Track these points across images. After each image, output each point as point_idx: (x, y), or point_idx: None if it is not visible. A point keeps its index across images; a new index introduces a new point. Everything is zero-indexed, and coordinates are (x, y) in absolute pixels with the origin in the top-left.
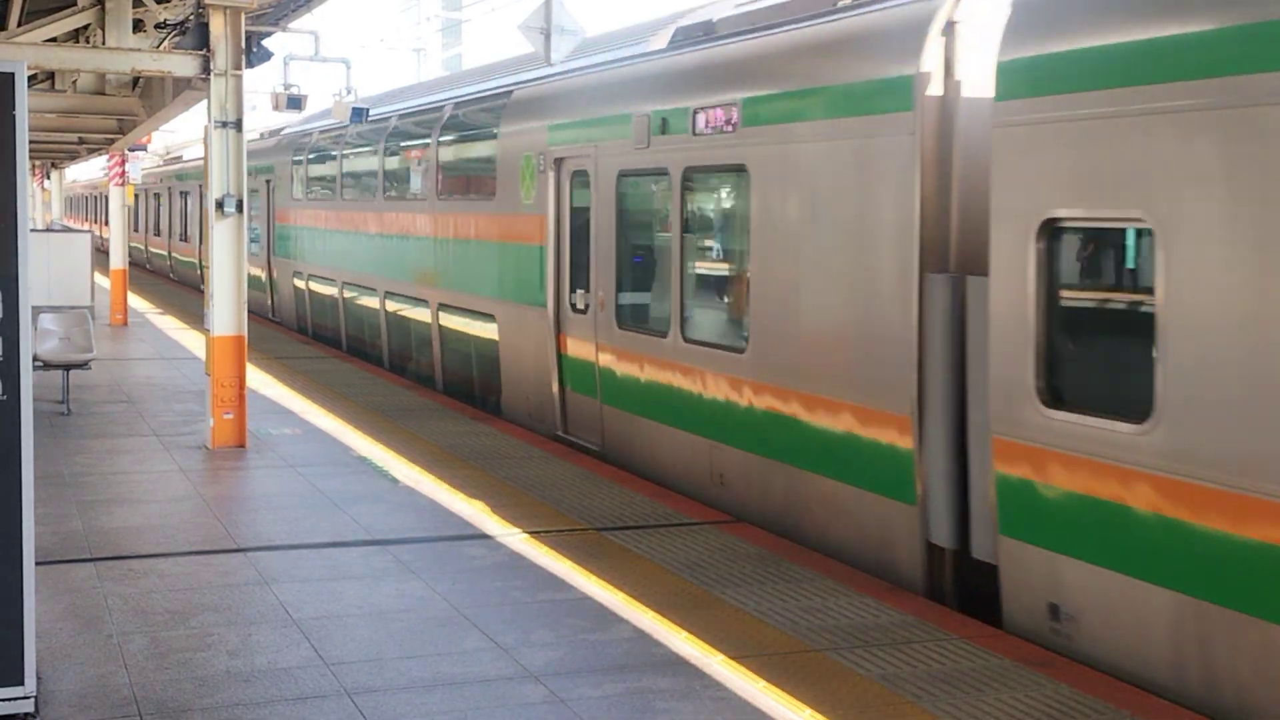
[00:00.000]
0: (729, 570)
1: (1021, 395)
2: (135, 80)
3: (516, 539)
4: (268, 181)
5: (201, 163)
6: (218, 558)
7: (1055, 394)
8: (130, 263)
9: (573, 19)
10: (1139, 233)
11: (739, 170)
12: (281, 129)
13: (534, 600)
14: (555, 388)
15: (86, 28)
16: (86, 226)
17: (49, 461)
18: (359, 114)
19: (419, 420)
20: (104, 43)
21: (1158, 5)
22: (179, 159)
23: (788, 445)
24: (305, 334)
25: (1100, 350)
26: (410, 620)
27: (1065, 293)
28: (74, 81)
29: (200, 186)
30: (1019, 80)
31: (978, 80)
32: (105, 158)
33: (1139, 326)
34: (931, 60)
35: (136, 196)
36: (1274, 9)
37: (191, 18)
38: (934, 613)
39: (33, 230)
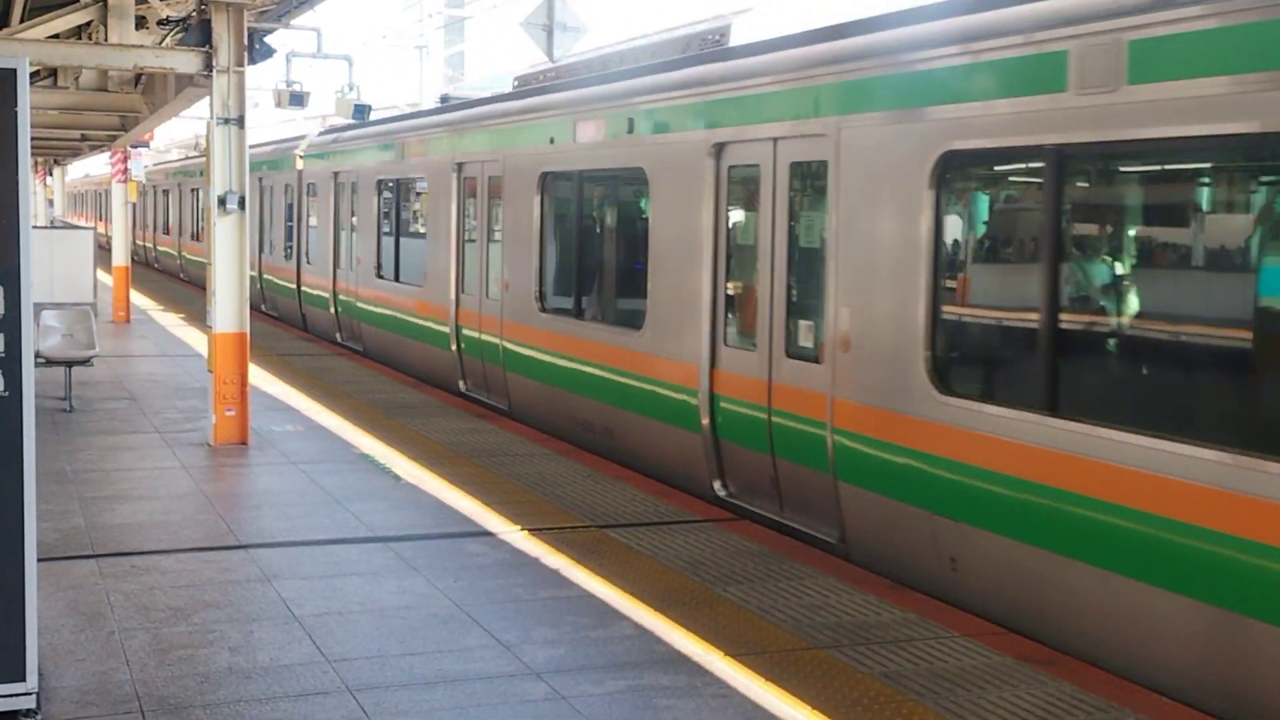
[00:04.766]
0: (731, 567)
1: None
2: (138, 77)
3: (518, 536)
4: None
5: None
6: (220, 554)
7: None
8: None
9: (575, 15)
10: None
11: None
12: None
13: (535, 597)
14: None
15: (89, 24)
16: (90, 223)
17: (51, 458)
18: (361, 111)
19: (421, 417)
20: (106, 39)
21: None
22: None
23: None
24: None
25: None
26: (412, 617)
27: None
28: (76, 78)
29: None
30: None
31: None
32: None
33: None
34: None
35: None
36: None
37: (194, 14)
38: (937, 611)
39: (35, 227)
